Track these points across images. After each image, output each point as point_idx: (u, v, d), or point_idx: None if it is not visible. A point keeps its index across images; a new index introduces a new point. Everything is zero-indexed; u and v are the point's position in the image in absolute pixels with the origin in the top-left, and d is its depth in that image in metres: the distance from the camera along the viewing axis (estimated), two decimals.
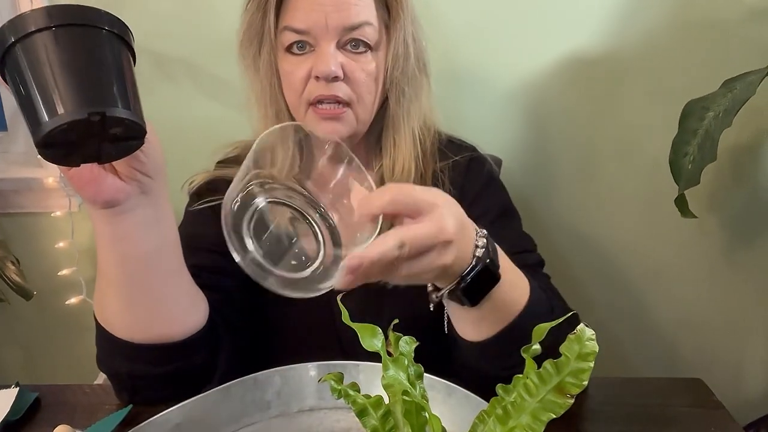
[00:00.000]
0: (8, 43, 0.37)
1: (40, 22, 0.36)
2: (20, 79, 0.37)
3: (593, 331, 0.30)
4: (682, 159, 0.84)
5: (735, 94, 0.81)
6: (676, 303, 1.13)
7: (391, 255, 0.36)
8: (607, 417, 0.54)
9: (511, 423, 0.32)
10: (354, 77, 0.57)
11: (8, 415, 0.53)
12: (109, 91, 0.38)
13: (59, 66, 0.36)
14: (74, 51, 0.37)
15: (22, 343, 1.24)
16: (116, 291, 0.50)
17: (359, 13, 0.56)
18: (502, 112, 1.04)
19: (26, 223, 1.14)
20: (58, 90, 0.36)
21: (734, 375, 1.16)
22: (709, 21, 0.96)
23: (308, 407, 0.51)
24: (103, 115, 0.37)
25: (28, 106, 0.37)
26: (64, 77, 0.36)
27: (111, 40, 0.39)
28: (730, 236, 1.08)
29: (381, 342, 0.34)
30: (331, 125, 0.58)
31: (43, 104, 0.36)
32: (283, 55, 0.59)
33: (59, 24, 0.37)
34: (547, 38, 0.99)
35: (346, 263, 0.35)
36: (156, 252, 0.50)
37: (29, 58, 0.36)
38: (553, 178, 1.07)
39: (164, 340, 0.51)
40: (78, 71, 0.37)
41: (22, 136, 1.12)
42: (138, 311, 0.51)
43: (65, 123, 0.36)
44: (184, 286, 0.53)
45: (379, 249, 0.35)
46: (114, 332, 0.52)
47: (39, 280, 1.14)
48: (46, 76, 0.36)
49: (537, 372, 0.31)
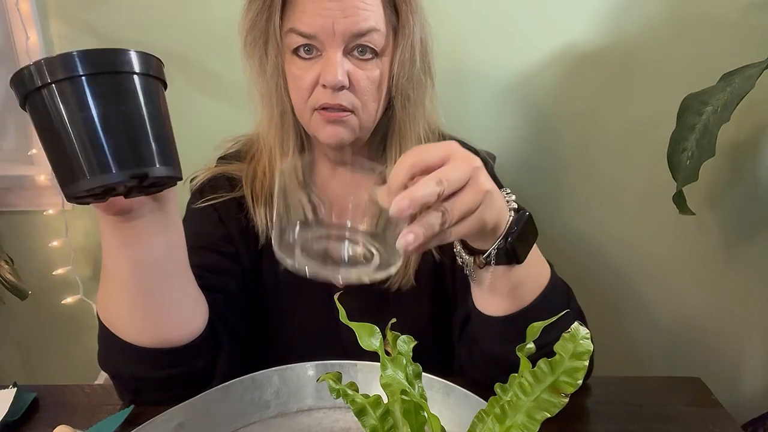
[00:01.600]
0: (35, 86, 0.34)
1: (75, 69, 0.34)
2: (50, 126, 0.34)
3: (588, 330, 0.30)
4: (680, 155, 0.84)
5: (734, 88, 0.80)
6: (674, 301, 1.13)
7: (432, 192, 0.37)
8: (605, 416, 0.54)
9: (508, 422, 0.32)
10: (359, 86, 0.57)
11: (7, 416, 0.52)
12: (149, 149, 0.36)
13: (98, 120, 0.34)
14: (112, 103, 0.35)
15: (19, 344, 1.23)
16: (124, 295, 0.50)
17: (367, 18, 0.55)
18: (499, 109, 1.03)
19: (19, 221, 1.13)
20: (97, 147, 0.34)
21: (733, 374, 1.17)
22: (707, 14, 0.95)
23: (307, 407, 0.51)
24: (145, 176, 0.35)
25: (60, 157, 0.35)
26: (102, 133, 0.34)
27: (148, 83, 0.37)
28: (729, 233, 1.08)
29: (379, 341, 0.34)
30: (335, 129, 0.58)
31: (83, 161, 0.34)
32: (289, 57, 0.58)
33: (95, 72, 0.34)
34: (544, 34, 0.98)
35: (394, 204, 0.36)
36: (165, 256, 0.50)
37: (62, 106, 0.34)
38: (550, 175, 1.07)
39: (169, 344, 0.51)
40: (117, 127, 0.35)
41: (12, 133, 1.11)
42: (145, 315, 0.50)
43: (105, 185, 0.35)
44: (190, 290, 0.53)
45: (420, 185, 0.37)
46: (119, 335, 0.51)
47: (34, 279, 1.13)
48: (82, 129, 0.34)
49: (531, 371, 0.31)
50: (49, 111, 0.34)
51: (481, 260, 0.47)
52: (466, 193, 0.40)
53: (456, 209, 0.39)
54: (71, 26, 1.01)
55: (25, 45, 1.00)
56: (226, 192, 0.64)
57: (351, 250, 0.40)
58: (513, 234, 0.46)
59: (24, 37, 1.00)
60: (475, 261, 0.48)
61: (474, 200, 0.40)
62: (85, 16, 1.00)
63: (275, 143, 0.62)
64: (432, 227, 0.38)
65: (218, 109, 1.04)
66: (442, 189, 0.38)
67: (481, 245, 0.47)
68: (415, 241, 0.37)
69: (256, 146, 0.66)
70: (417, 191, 0.37)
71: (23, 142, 1.10)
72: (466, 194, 0.40)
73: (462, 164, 0.39)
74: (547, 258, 0.67)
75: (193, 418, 0.47)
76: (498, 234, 0.46)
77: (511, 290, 0.50)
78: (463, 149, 0.41)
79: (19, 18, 0.98)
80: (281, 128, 0.61)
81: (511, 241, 0.46)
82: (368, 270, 0.39)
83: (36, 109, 0.35)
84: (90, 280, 1.16)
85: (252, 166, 0.65)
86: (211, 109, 1.04)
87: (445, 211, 0.39)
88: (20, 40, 1.00)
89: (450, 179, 0.38)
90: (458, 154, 0.40)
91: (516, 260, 0.47)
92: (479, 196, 0.40)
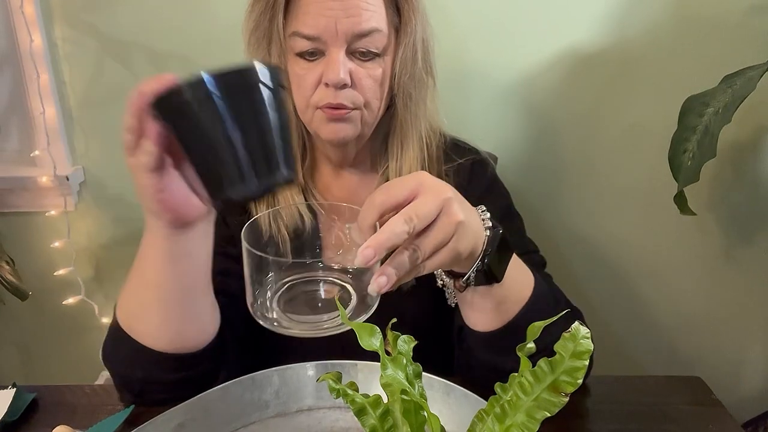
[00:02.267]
0: (202, 94, 0.35)
1: (245, 81, 0.35)
2: (201, 132, 0.35)
3: (588, 329, 0.30)
4: (682, 155, 0.83)
5: (735, 89, 0.80)
6: (675, 301, 1.13)
7: (401, 232, 0.36)
8: (605, 415, 0.54)
9: (508, 421, 0.32)
10: (361, 84, 0.57)
11: (6, 416, 0.52)
12: (289, 156, 0.37)
13: (274, 125, 0.36)
14: (275, 111, 0.36)
15: (19, 344, 1.24)
16: (161, 305, 0.49)
17: (370, 18, 0.55)
18: (501, 109, 1.03)
19: (21, 222, 1.13)
20: (254, 156, 0.35)
21: (733, 373, 1.16)
22: (708, 16, 0.95)
23: (307, 407, 0.51)
24: (291, 181, 0.37)
25: (214, 162, 0.36)
26: (257, 143, 0.35)
27: (283, 96, 0.38)
28: (730, 234, 1.08)
29: (379, 341, 0.34)
30: (337, 126, 0.58)
31: (246, 167, 0.35)
32: (293, 58, 0.58)
33: (268, 85, 0.36)
34: (546, 35, 0.98)
35: (359, 254, 0.35)
36: (205, 265, 0.50)
37: (227, 113, 0.35)
38: (552, 175, 1.07)
39: (185, 350, 0.51)
40: (278, 134, 0.36)
41: (15, 134, 1.11)
42: (176, 324, 0.50)
43: (260, 193, 0.36)
44: (211, 296, 0.54)
45: (387, 228, 0.36)
46: (137, 338, 0.51)
47: (35, 280, 1.13)
48: (240, 138, 0.35)
49: (532, 370, 0.31)
50: (203, 117, 0.35)
51: (461, 283, 0.47)
52: (437, 227, 0.39)
53: (428, 245, 0.39)
54: (75, 29, 1.01)
55: (29, 47, 1.01)
56: None
57: (326, 293, 0.39)
58: (489, 255, 0.45)
59: (28, 40, 1.00)
60: (455, 284, 0.48)
61: (446, 233, 0.39)
62: (90, 18, 1.01)
63: None
64: (404, 266, 0.38)
65: None
66: (412, 226, 0.37)
67: (460, 269, 0.47)
68: (388, 282, 0.37)
69: None
70: (383, 236, 0.36)
71: (26, 143, 1.10)
72: (437, 229, 0.39)
73: (431, 198, 0.39)
74: (547, 257, 0.67)
75: (193, 418, 0.47)
76: (475, 257, 0.45)
77: (494, 307, 0.50)
78: (433, 179, 0.40)
79: (24, 20, 0.99)
80: None
81: (488, 263, 0.45)
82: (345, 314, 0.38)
83: (194, 115, 0.36)
84: (91, 280, 1.16)
85: None
86: None
87: (416, 248, 0.38)
88: (24, 43, 1.01)
89: (420, 215, 0.38)
90: (427, 186, 0.39)
91: (495, 280, 0.47)
92: (451, 227, 0.40)
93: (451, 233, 0.40)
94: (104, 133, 1.08)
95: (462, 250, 0.42)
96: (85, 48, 1.02)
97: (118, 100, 1.08)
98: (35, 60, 1.01)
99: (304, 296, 0.39)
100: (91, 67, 1.03)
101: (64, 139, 1.07)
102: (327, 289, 0.39)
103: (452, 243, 0.40)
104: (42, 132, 1.05)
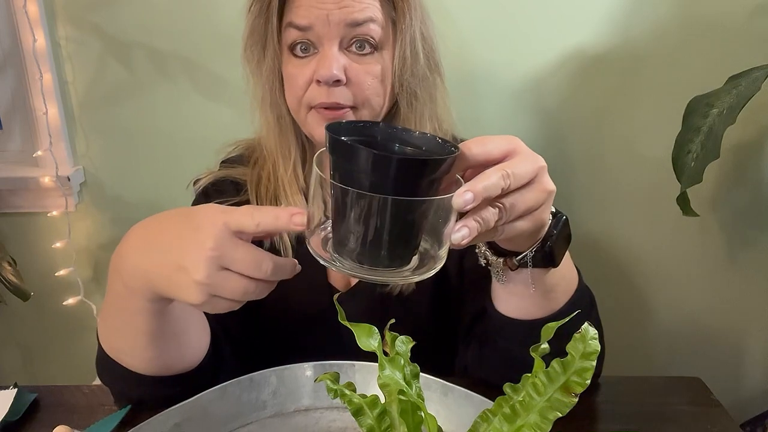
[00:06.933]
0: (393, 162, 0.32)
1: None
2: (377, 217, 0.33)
3: (596, 330, 0.31)
4: (685, 156, 0.83)
5: (740, 90, 0.80)
6: (676, 301, 1.12)
7: (496, 184, 0.35)
8: (605, 415, 0.54)
9: (519, 422, 0.32)
10: (358, 81, 0.55)
11: (7, 416, 0.52)
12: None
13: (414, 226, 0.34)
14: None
15: (20, 344, 1.24)
16: (152, 346, 0.47)
17: (363, 9, 0.54)
18: (508, 111, 1.03)
19: (22, 223, 1.13)
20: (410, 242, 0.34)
21: (733, 374, 1.16)
22: (713, 16, 0.95)
23: (304, 407, 0.51)
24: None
25: (376, 236, 0.33)
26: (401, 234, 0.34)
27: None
28: (732, 235, 1.07)
29: (377, 342, 0.33)
30: None
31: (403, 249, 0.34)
32: (287, 57, 0.58)
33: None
34: (553, 37, 0.98)
35: (457, 196, 0.33)
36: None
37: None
38: (559, 176, 1.05)
39: (176, 371, 0.51)
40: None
41: (17, 135, 1.11)
42: (164, 356, 0.49)
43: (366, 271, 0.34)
44: (202, 318, 0.53)
45: (484, 177, 0.35)
46: (136, 371, 0.50)
47: (36, 280, 1.14)
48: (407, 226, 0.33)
49: (545, 371, 0.32)
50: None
51: (514, 263, 0.45)
52: (530, 191, 0.37)
53: (517, 207, 0.37)
54: (78, 28, 1.02)
55: (32, 47, 1.01)
56: (232, 196, 0.64)
57: None
58: (552, 238, 0.44)
59: (31, 39, 1.01)
60: (506, 262, 0.46)
61: (537, 199, 0.38)
62: (93, 18, 1.01)
63: (275, 148, 0.62)
64: (488, 223, 0.35)
65: (223, 112, 1.04)
66: (508, 183, 0.35)
67: (515, 247, 0.45)
68: (469, 235, 0.34)
69: (258, 151, 0.65)
70: (480, 184, 0.34)
71: (28, 144, 1.10)
72: (530, 192, 0.37)
73: (529, 161, 0.37)
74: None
75: (190, 418, 0.47)
76: (538, 237, 0.44)
77: (543, 294, 0.48)
78: (526, 146, 0.39)
79: (27, 20, 0.99)
80: (279, 133, 0.61)
81: (551, 245, 0.44)
82: (407, 273, 0.36)
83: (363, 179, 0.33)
84: (91, 281, 1.17)
85: (256, 171, 0.64)
86: (216, 111, 1.04)
87: (503, 207, 0.36)
88: (27, 42, 1.01)
89: (516, 174, 0.36)
90: (523, 149, 0.38)
91: (552, 264, 0.45)
92: (543, 195, 0.38)
93: (541, 201, 0.39)
94: (105, 133, 1.08)
95: (545, 222, 0.41)
96: (88, 48, 1.02)
97: (120, 101, 1.09)
98: (38, 60, 1.01)
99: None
100: (94, 67, 1.03)
101: (66, 140, 1.08)
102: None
103: (539, 212, 0.39)
104: (45, 132, 1.05)
